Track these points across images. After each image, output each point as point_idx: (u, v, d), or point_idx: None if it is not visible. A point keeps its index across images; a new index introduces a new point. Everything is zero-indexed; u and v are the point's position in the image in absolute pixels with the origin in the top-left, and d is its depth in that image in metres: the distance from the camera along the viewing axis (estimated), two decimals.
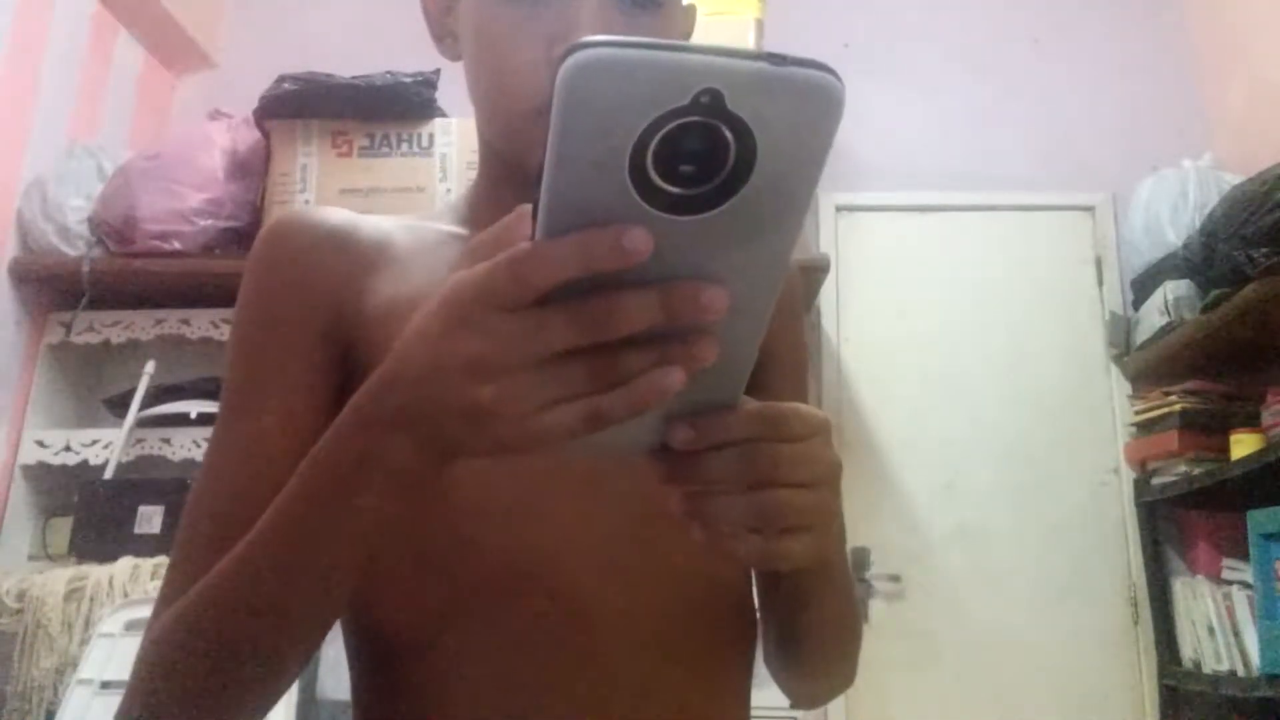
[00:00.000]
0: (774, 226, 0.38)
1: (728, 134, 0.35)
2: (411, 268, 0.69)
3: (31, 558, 2.41)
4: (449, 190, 2.48)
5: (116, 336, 2.53)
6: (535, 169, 0.37)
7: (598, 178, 0.35)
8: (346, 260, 0.68)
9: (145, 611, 1.84)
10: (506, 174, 0.71)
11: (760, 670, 0.73)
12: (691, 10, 0.75)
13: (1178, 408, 2.47)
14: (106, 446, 2.38)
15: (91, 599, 1.99)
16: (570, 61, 0.34)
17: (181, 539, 0.62)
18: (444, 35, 0.74)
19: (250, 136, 2.57)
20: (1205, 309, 2.35)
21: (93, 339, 2.53)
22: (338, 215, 0.71)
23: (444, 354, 0.40)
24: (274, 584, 0.51)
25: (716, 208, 0.36)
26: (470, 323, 0.39)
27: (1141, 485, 2.68)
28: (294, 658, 0.54)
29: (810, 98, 0.35)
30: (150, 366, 2.42)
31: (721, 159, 0.35)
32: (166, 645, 0.56)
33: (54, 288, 2.51)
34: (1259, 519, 2.18)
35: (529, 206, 0.39)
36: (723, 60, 0.34)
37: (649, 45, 0.33)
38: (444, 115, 2.57)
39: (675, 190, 0.36)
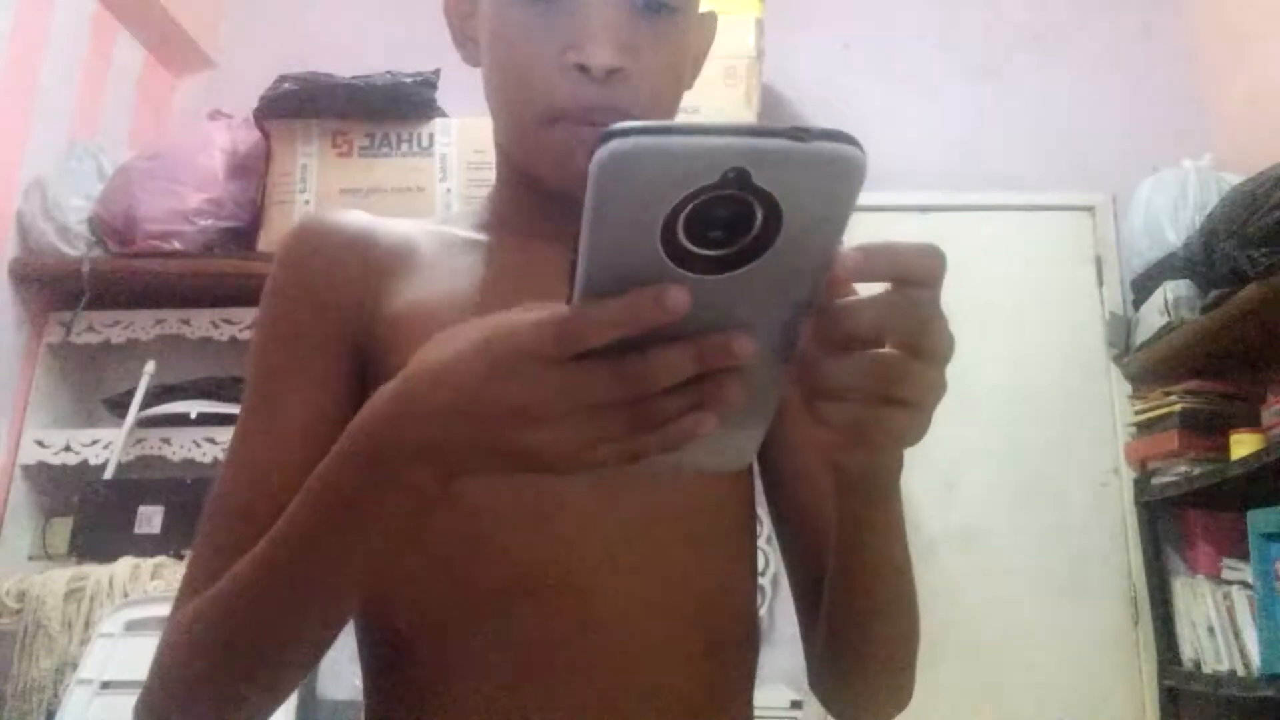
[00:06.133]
0: (799, 278, 0.40)
1: (755, 205, 0.37)
2: (431, 273, 0.69)
3: (31, 558, 2.41)
4: (449, 190, 2.48)
5: (116, 336, 2.53)
6: (570, 236, 0.38)
7: (632, 247, 0.37)
8: (367, 264, 0.69)
9: (145, 611, 1.86)
10: (521, 179, 0.72)
11: (760, 669, 0.73)
12: (710, 18, 0.74)
13: (1178, 408, 2.47)
14: (106, 446, 2.37)
15: (91, 599, 1.99)
16: (604, 150, 0.35)
17: (202, 534, 0.63)
18: (465, 41, 0.74)
19: (250, 136, 2.57)
20: (1205, 309, 2.34)
21: (93, 339, 2.53)
22: (359, 219, 0.72)
23: (483, 400, 0.41)
24: (286, 594, 0.52)
25: (744, 267, 0.38)
26: (515, 374, 0.40)
27: (1141, 485, 2.67)
28: (305, 660, 0.55)
29: (833, 168, 0.37)
30: (150, 366, 2.42)
31: (748, 226, 0.37)
32: (183, 643, 0.57)
33: (54, 288, 2.51)
34: (1259, 519, 2.18)
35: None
36: (749, 140, 0.35)
37: (678, 130, 0.35)
38: (444, 115, 2.57)
39: (705, 253, 0.38)
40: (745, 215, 0.37)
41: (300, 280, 0.68)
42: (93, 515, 2.26)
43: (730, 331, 0.39)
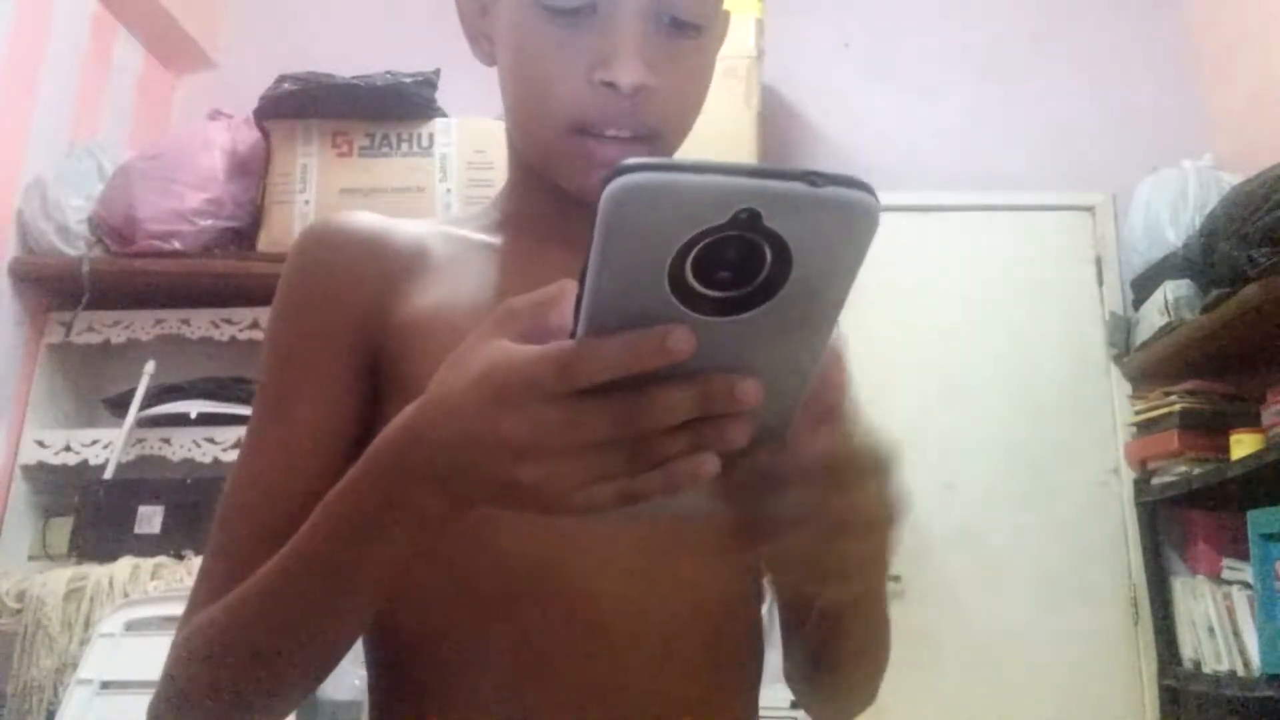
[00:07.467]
0: (809, 325, 0.39)
1: (765, 247, 0.36)
2: (443, 277, 0.69)
3: (31, 558, 2.41)
4: (449, 190, 2.48)
5: (116, 336, 2.53)
6: (580, 268, 0.38)
7: (638, 283, 0.37)
8: (379, 266, 0.69)
9: (145, 611, 1.86)
10: (537, 183, 0.72)
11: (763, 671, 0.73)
12: (726, 16, 0.75)
13: (1178, 408, 2.47)
14: (106, 446, 2.37)
15: (91, 599, 1.99)
16: (614, 185, 0.35)
17: (212, 540, 0.64)
18: (478, 38, 0.73)
19: (250, 136, 2.57)
20: (1205, 309, 2.35)
21: (93, 339, 2.53)
22: (371, 220, 0.71)
23: (484, 432, 0.41)
24: (299, 608, 0.53)
25: (752, 310, 0.38)
26: (513, 407, 0.40)
27: (1141, 485, 2.67)
28: (315, 673, 0.56)
29: (845, 215, 0.36)
30: (150, 366, 2.42)
31: (757, 268, 0.37)
32: (195, 651, 0.58)
33: (54, 288, 2.51)
34: (1259, 519, 2.18)
35: (569, 283, 0.40)
36: (761, 182, 0.35)
37: (690, 167, 0.35)
38: (444, 115, 2.57)
39: (712, 294, 0.37)
40: (755, 257, 0.36)
41: (311, 283, 0.68)
42: (93, 515, 2.26)
43: (737, 376, 0.39)
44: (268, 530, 0.57)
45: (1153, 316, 2.56)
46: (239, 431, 2.36)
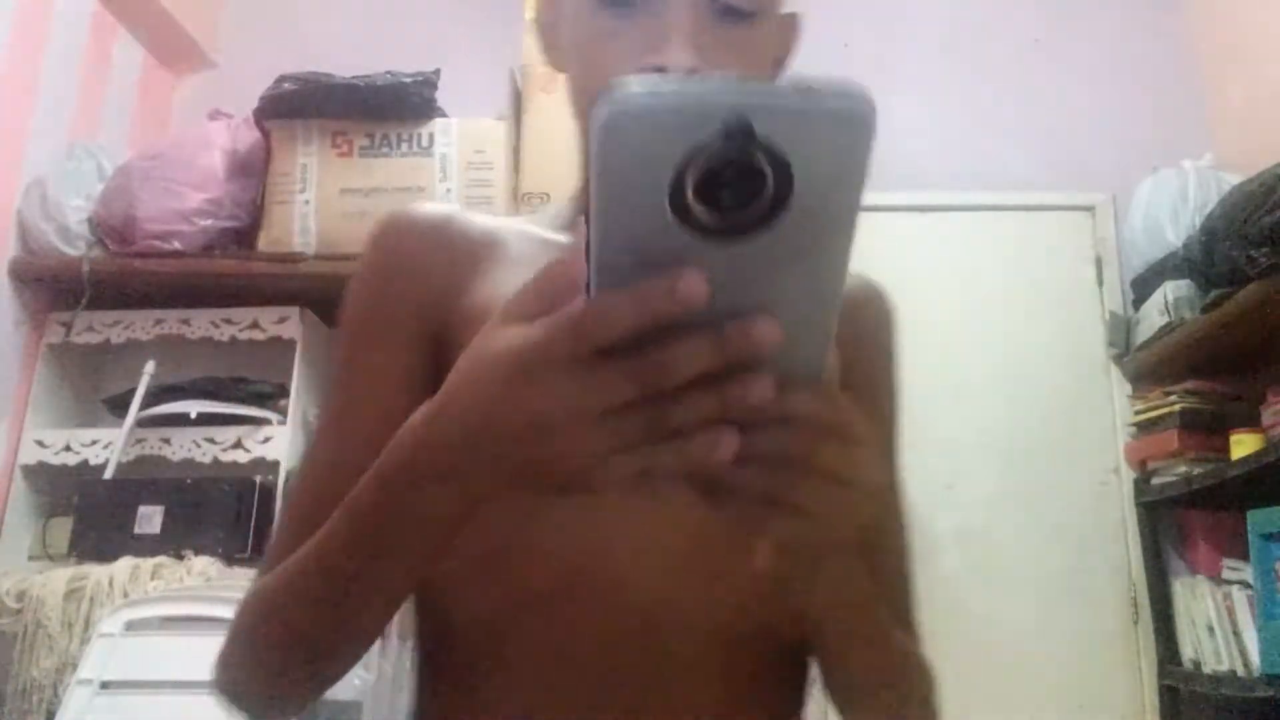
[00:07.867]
0: (822, 248, 0.39)
1: (762, 162, 0.35)
2: (512, 272, 0.70)
3: (31, 558, 2.41)
4: (449, 190, 2.48)
5: (116, 336, 2.53)
6: (583, 211, 0.38)
7: (642, 215, 0.36)
8: (447, 256, 0.70)
9: (145, 611, 1.86)
10: None
11: None
12: (792, 19, 0.74)
13: (1178, 408, 2.47)
14: (106, 446, 2.37)
15: (91, 599, 1.99)
16: (598, 110, 0.35)
17: (284, 514, 0.68)
18: (551, 48, 0.75)
19: (250, 136, 2.57)
20: (1205, 309, 2.35)
21: (93, 339, 2.53)
22: (445, 211, 0.74)
23: (505, 412, 0.41)
24: (320, 597, 0.56)
25: (761, 232, 0.37)
26: (532, 381, 0.40)
27: (1141, 485, 2.67)
28: (346, 655, 0.59)
29: (839, 124, 0.36)
30: (150, 366, 2.42)
31: (759, 186, 0.36)
32: (245, 618, 0.62)
33: (54, 288, 2.51)
34: (1259, 519, 2.18)
35: (562, 262, 0.40)
36: (747, 93, 0.35)
37: (674, 84, 0.35)
38: (444, 115, 2.56)
39: (717, 217, 0.36)
40: (755, 176, 0.36)
41: (380, 272, 0.71)
42: (93, 515, 2.26)
43: (752, 316, 0.38)
44: (324, 504, 0.59)
45: (1153, 316, 2.56)
46: (239, 431, 2.38)
